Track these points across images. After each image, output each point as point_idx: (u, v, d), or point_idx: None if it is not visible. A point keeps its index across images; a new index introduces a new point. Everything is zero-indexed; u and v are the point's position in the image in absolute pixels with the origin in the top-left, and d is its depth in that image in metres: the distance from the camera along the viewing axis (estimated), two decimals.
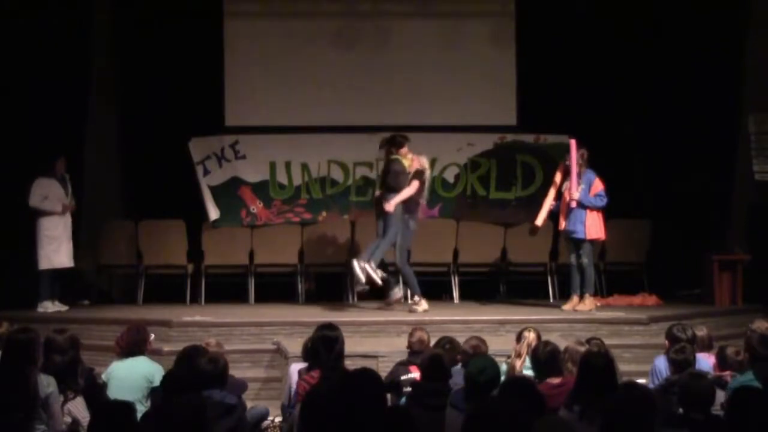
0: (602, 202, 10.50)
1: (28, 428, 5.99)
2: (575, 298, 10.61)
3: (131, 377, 7.17)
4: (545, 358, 6.63)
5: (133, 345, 7.54)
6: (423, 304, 10.62)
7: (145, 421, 5.25)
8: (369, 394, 4.94)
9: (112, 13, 12.87)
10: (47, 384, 6.19)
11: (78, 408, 6.42)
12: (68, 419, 6.38)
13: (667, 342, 7.55)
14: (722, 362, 7.11)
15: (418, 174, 10.73)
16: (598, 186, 10.51)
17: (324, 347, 6.97)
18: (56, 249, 11.00)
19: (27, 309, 10.75)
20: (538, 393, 5.44)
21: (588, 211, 10.48)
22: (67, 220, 11.12)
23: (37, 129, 11.57)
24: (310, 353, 7.16)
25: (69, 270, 11.30)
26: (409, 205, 10.74)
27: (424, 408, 6.20)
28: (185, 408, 4.86)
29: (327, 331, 7.09)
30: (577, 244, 10.59)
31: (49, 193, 10.99)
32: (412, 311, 10.52)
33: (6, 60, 11.48)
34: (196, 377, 6.43)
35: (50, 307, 10.96)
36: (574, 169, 10.51)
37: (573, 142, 10.63)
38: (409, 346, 7.90)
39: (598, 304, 10.86)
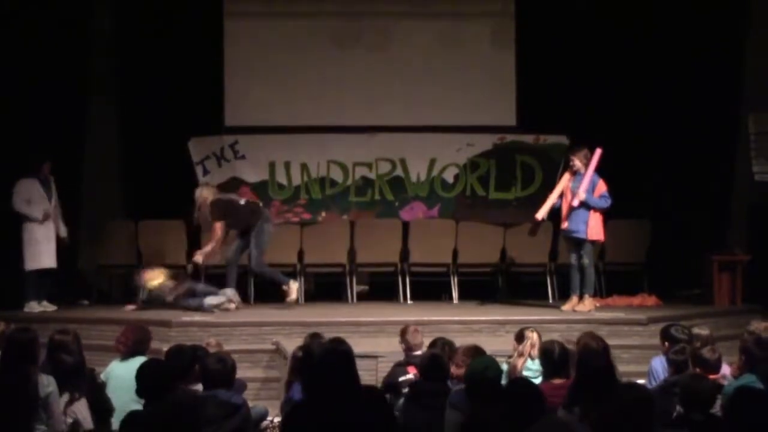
0: (606, 203, 10.50)
1: (29, 428, 5.98)
2: (574, 299, 10.61)
3: (130, 377, 7.14)
4: (558, 357, 6.60)
5: (139, 344, 7.56)
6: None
7: (133, 419, 5.23)
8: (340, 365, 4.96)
9: (112, 12, 12.86)
10: (47, 384, 6.18)
11: (81, 410, 6.41)
12: (69, 420, 6.37)
13: (666, 344, 7.52)
14: (705, 367, 6.89)
15: (215, 217, 10.77)
16: (601, 187, 10.50)
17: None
18: (41, 250, 10.99)
19: (13, 309, 10.73)
20: (540, 395, 5.44)
21: (591, 211, 10.48)
22: (50, 221, 11.11)
23: (37, 129, 11.56)
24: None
25: (66, 270, 11.31)
26: (251, 218, 10.86)
27: (423, 408, 6.20)
28: (171, 408, 4.86)
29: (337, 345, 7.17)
30: (578, 244, 10.58)
31: (31, 196, 10.96)
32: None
33: (5, 60, 11.48)
34: (176, 373, 6.47)
35: (36, 307, 10.95)
36: (589, 173, 10.49)
37: (599, 151, 10.57)
38: (410, 346, 7.85)
39: (598, 304, 10.86)
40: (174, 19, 12.53)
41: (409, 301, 11.91)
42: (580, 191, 10.42)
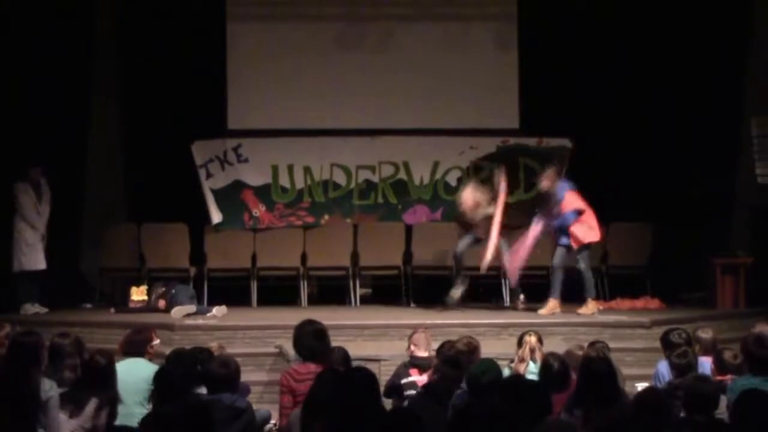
0: (573, 216, 10.50)
1: (31, 429, 5.96)
2: (551, 302, 10.60)
3: (131, 380, 7.15)
4: (558, 371, 6.59)
5: (132, 345, 7.55)
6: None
7: (146, 424, 5.23)
8: (364, 393, 4.93)
9: (114, 16, 12.87)
10: (48, 388, 6.16)
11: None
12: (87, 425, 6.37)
13: (667, 351, 7.52)
14: (720, 366, 7.06)
15: None
16: (568, 204, 10.51)
17: (319, 340, 7.06)
18: (32, 252, 11.06)
19: (10, 312, 10.77)
20: (542, 396, 5.42)
21: (572, 222, 10.51)
22: (43, 224, 11.21)
23: (39, 130, 11.58)
24: (307, 351, 7.20)
25: (68, 273, 11.35)
26: None
27: (435, 408, 6.19)
28: (189, 410, 4.85)
29: (314, 325, 7.18)
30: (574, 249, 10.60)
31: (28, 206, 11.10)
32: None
33: (8, 63, 11.49)
34: (190, 377, 6.47)
35: (30, 309, 11.00)
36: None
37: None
38: (424, 348, 7.87)
39: (601, 307, 10.85)
40: (177, 21, 12.55)
41: (412, 304, 11.91)
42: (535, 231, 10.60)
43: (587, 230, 10.58)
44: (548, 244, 11.60)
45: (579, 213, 10.54)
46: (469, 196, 11.02)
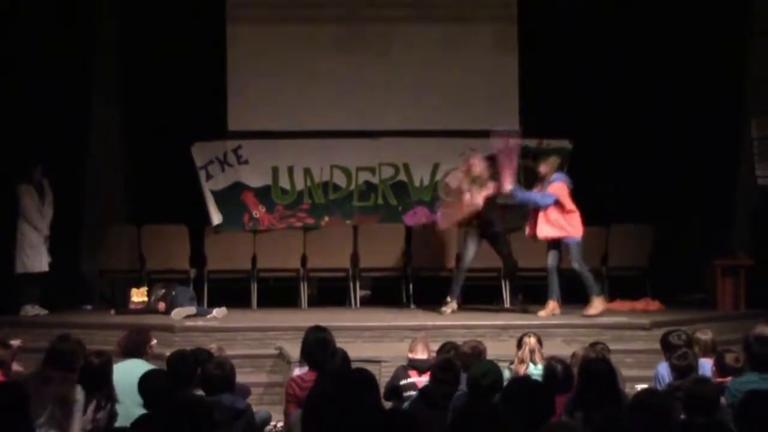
0: (545, 200, 10.54)
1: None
2: (550, 303, 10.59)
3: (129, 381, 7.15)
4: (562, 375, 6.60)
5: (131, 346, 7.55)
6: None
7: (141, 424, 5.23)
8: (364, 394, 4.93)
9: (114, 16, 12.88)
10: (78, 392, 6.20)
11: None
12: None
13: (667, 353, 7.52)
14: (721, 369, 7.05)
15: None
16: (555, 188, 10.55)
17: (320, 348, 7.02)
18: (35, 253, 11.08)
19: (10, 314, 10.78)
20: (546, 398, 5.42)
21: (540, 211, 10.53)
22: (46, 226, 11.24)
23: (39, 132, 11.58)
24: (307, 357, 7.17)
25: (68, 274, 11.35)
26: None
27: (433, 412, 6.19)
28: (189, 408, 4.85)
29: (319, 333, 7.14)
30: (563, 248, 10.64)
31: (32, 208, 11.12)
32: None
33: (8, 63, 11.49)
34: (180, 380, 6.48)
35: (30, 311, 11.01)
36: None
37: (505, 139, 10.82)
38: (427, 353, 7.87)
39: (603, 308, 10.80)
40: (177, 21, 12.54)
41: (412, 306, 11.91)
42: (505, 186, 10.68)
43: (574, 225, 10.59)
44: (543, 246, 11.62)
45: (558, 203, 10.53)
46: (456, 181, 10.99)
